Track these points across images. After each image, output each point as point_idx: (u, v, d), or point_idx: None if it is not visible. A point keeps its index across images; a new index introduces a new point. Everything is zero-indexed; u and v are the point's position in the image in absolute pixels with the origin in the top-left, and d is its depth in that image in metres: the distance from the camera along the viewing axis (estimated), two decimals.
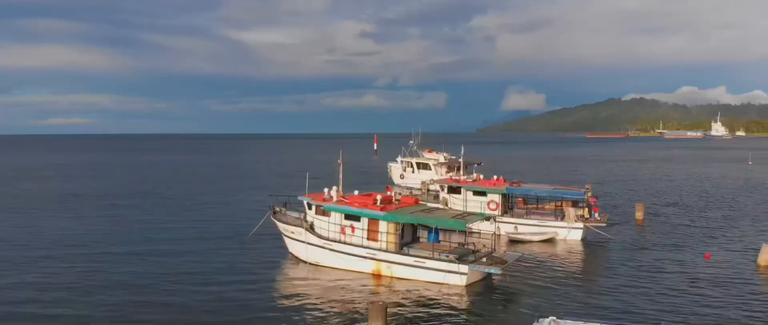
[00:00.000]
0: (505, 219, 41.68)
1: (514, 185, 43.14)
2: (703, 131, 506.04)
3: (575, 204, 42.47)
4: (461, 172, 67.40)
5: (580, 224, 40.57)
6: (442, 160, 70.30)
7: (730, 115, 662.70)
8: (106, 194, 66.65)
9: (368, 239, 31.16)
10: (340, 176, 34.50)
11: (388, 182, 77.50)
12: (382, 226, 30.63)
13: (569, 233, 40.74)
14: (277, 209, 36.59)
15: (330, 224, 32.22)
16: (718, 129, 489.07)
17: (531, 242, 40.10)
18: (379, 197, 31.65)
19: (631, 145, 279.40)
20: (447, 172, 69.12)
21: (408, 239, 31.89)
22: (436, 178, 68.82)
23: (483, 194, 42.76)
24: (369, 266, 30.87)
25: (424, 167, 71.00)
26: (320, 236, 32.49)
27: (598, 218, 41.51)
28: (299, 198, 34.13)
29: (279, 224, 35.16)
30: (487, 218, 30.66)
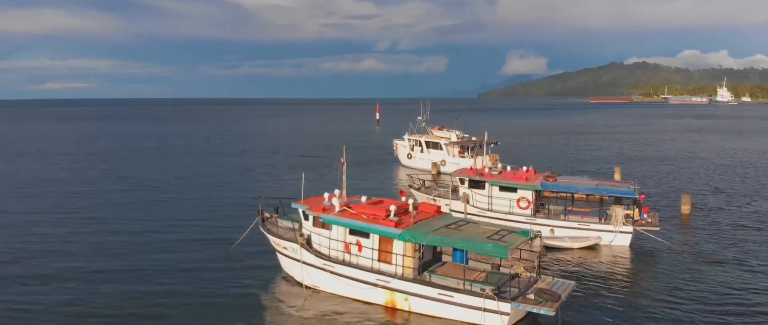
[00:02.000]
0: (538, 221, 35.15)
1: (550, 179, 36.32)
2: (709, 97, 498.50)
3: (619, 201, 35.83)
4: (481, 152, 60.85)
5: (630, 227, 34.08)
6: (453, 139, 63.46)
7: (733, 79, 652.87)
8: (76, 179, 59.03)
9: (379, 260, 24.69)
10: (343, 178, 27.77)
11: (394, 161, 70.95)
12: (397, 246, 24.11)
13: (615, 237, 34.28)
14: (267, 215, 30.02)
15: (331, 241, 25.71)
16: (723, 95, 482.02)
17: (570, 249, 33.68)
18: (392, 208, 25.02)
19: (638, 112, 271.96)
20: (460, 152, 62.49)
21: (428, 257, 25.42)
22: (447, 159, 62.36)
23: (512, 190, 36.05)
24: (381, 297, 24.44)
25: (433, 146, 64.23)
26: (319, 254, 26.00)
27: (649, 220, 34.97)
28: (293, 206, 27.47)
29: (270, 237, 28.62)
30: (533, 237, 24.02)
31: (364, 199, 26.88)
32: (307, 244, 26.49)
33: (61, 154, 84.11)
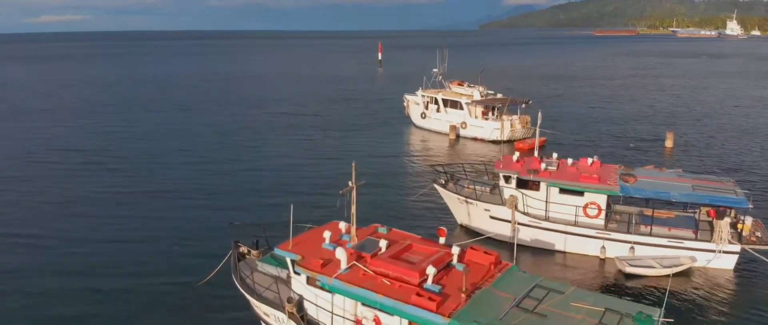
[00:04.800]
0: (612, 235, 26.19)
1: (629, 179, 26.81)
2: (717, 30, 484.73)
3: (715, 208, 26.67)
4: (508, 113, 51.37)
5: (737, 246, 25.14)
6: (476, 97, 53.62)
7: (739, 10, 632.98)
8: (13, 151, 48.33)
9: None
10: (353, 210, 18.36)
11: (404, 121, 61.16)
12: None
13: (714, 258, 25.40)
14: (244, 249, 20.95)
15: (335, 314, 16.73)
16: (733, 28, 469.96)
17: (658, 276, 24.83)
18: (431, 270, 15.86)
19: (648, 47, 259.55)
20: (483, 113, 52.88)
21: None
22: (468, 120, 52.91)
23: (578, 193, 26.72)
24: None
25: (452, 104, 54.48)
26: None
27: (759, 234, 25.93)
28: (278, 252, 18.28)
29: (248, 297, 19.53)
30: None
31: (383, 247, 17.66)
32: (298, 312, 17.53)
33: (14, 108, 73.22)
